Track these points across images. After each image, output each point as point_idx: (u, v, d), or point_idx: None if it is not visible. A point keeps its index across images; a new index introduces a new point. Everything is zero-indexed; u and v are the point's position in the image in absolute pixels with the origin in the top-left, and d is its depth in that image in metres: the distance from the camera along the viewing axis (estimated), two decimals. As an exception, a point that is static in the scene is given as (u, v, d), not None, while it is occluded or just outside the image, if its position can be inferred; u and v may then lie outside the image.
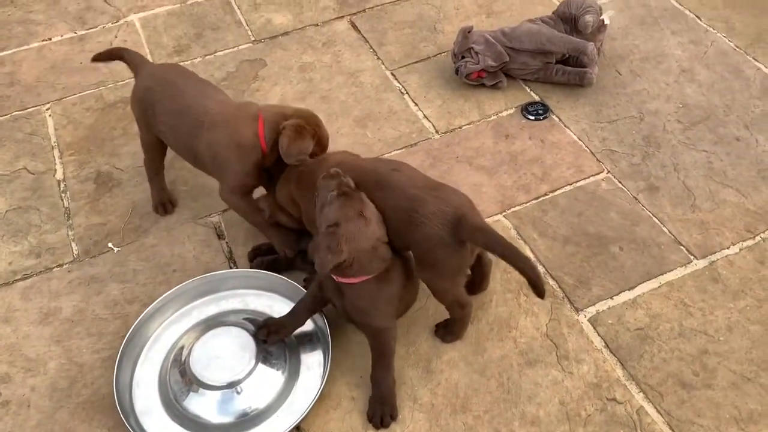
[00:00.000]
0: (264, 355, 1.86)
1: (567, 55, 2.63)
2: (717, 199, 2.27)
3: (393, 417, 1.79)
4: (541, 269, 2.11)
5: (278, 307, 2.01)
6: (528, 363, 1.90)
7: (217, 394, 1.82)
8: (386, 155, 2.48)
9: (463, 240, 1.72)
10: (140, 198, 2.38)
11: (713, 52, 2.77)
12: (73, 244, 2.26)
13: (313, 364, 1.91)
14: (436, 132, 2.55)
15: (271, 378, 1.86)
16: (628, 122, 2.54)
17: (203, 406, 1.81)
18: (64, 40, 3.02)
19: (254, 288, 2.07)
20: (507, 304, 2.03)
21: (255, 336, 1.87)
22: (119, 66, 2.85)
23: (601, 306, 2.02)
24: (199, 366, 1.83)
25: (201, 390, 1.82)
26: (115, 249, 2.23)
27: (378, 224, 1.73)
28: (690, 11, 2.96)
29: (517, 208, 2.28)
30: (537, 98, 2.64)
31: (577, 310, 2.01)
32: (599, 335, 1.96)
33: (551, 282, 2.08)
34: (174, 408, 1.83)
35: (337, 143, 2.51)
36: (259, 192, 2.14)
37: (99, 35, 3.03)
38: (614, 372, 1.88)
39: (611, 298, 2.04)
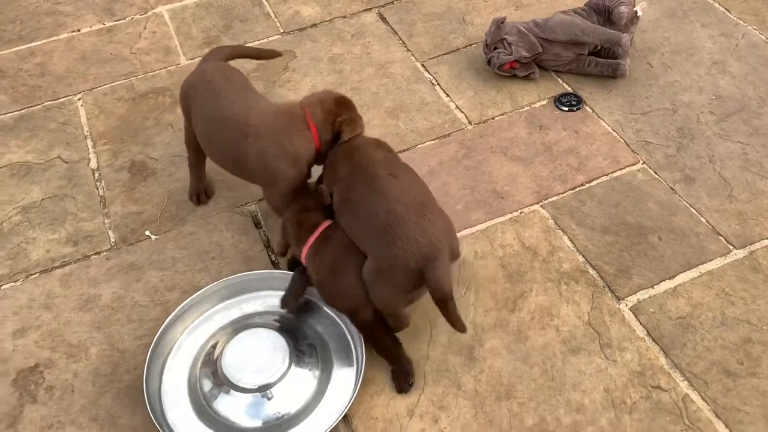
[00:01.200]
0: (297, 356, 1.84)
1: (599, 47, 2.62)
2: (754, 190, 2.27)
3: (410, 381, 1.82)
4: (580, 258, 2.11)
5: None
6: (571, 351, 1.90)
7: (249, 397, 1.78)
8: (419, 146, 2.48)
9: (422, 276, 1.70)
10: (175, 187, 2.38)
11: (744, 45, 2.77)
12: (110, 232, 2.26)
13: (345, 361, 1.88)
14: (469, 123, 2.55)
15: (304, 379, 1.83)
16: (661, 114, 2.53)
17: (234, 408, 1.77)
18: (93, 32, 3.03)
19: (275, 289, 2.01)
20: (547, 293, 2.03)
21: (286, 336, 1.86)
22: (148, 57, 2.89)
23: (642, 295, 2.02)
24: (232, 369, 1.79)
25: (233, 392, 1.79)
26: (153, 237, 2.23)
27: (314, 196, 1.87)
28: (719, 4, 2.95)
29: (553, 198, 2.28)
30: (569, 89, 2.64)
31: (618, 299, 2.01)
32: (641, 324, 1.95)
33: (591, 271, 2.08)
34: (204, 411, 1.79)
35: (369, 134, 2.47)
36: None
37: (128, 27, 3.04)
38: (657, 360, 1.88)
39: (652, 287, 2.03)
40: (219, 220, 2.28)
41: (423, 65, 2.78)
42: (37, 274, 2.16)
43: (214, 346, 1.89)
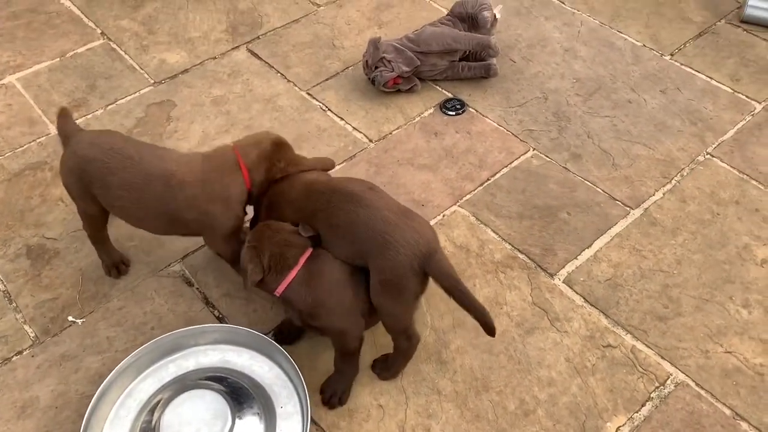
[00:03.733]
0: (238, 413, 1.78)
1: (467, 52, 2.82)
2: (631, 155, 2.56)
3: (342, 401, 1.87)
4: (508, 246, 2.26)
5: (257, 363, 1.92)
6: (527, 332, 2.04)
7: None
8: (329, 171, 2.51)
9: (426, 273, 1.78)
10: (86, 263, 2.22)
11: (585, 31, 3.11)
12: (27, 327, 2.06)
13: (289, 409, 1.82)
14: (370, 141, 2.63)
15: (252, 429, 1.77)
16: (535, 103, 2.78)
17: None
18: (-64, 115, 2.72)
19: (230, 343, 1.95)
20: (490, 285, 2.16)
21: (227, 395, 1.80)
22: (11, 131, 2.66)
23: (570, 267, 2.21)
24: None
25: None
26: (79, 321, 2.07)
27: (287, 229, 1.82)
28: (553, -2, 3.29)
29: (468, 196, 2.42)
30: (450, 95, 2.81)
31: (551, 275, 2.19)
32: (577, 293, 2.14)
33: (521, 256, 2.24)
34: None
35: (276, 169, 2.51)
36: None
37: (-24, 103, 2.77)
38: (600, 322, 2.07)
39: (575, 258, 2.24)
40: (146, 287, 2.16)
41: (309, 93, 2.82)
42: (-47, 391, 1.92)
43: (151, 413, 1.79)
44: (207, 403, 1.78)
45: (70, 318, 2.08)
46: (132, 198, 1.89)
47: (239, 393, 1.84)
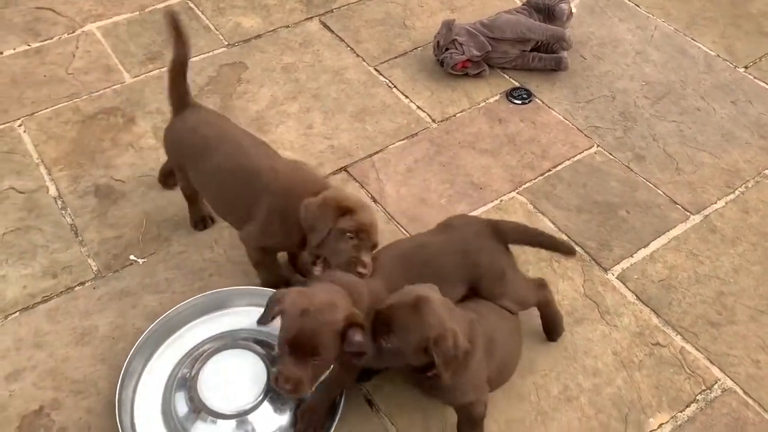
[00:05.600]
0: (272, 395, 1.74)
1: (539, 43, 2.82)
2: (696, 162, 2.54)
3: None
4: (564, 237, 2.26)
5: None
6: (576, 322, 2.04)
7: (227, 424, 1.70)
8: (390, 147, 2.54)
9: (506, 241, 1.85)
10: (151, 207, 2.29)
11: (659, 35, 3.07)
12: (90, 261, 2.14)
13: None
14: (433, 121, 2.65)
15: (284, 403, 1.75)
16: (603, 101, 2.76)
17: None
18: (19, 53, 2.83)
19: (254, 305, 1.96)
20: (542, 272, 2.16)
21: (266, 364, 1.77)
22: (89, 77, 2.75)
23: (625, 264, 2.20)
24: (208, 392, 1.72)
25: (210, 418, 1.70)
26: (140, 260, 2.14)
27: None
28: (629, 0, 3.26)
29: (527, 184, 2.43)
30: (518, 84, 2.81)
31: (605, 270, 2.18)
32: (630, 290, 2.13)
33: (577, 249, 2.23)
34: None
35: (340, 138, 2.56)
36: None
37: (57, 46, 2.86)
38: (651, 320, 2.06)
39: (631, 256, 2.22)
40: (207, 236, 2.22)
41: (376, 69, 2.85)
42: (17, 313, 2.00)
43: (192, 363, 1.81)
44: (247, 365, 1.77)
45: (132, 257, 2.15)
46: (216, 180, 1.91)
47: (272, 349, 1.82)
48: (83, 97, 2.66)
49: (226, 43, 2.94)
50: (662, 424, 1.84)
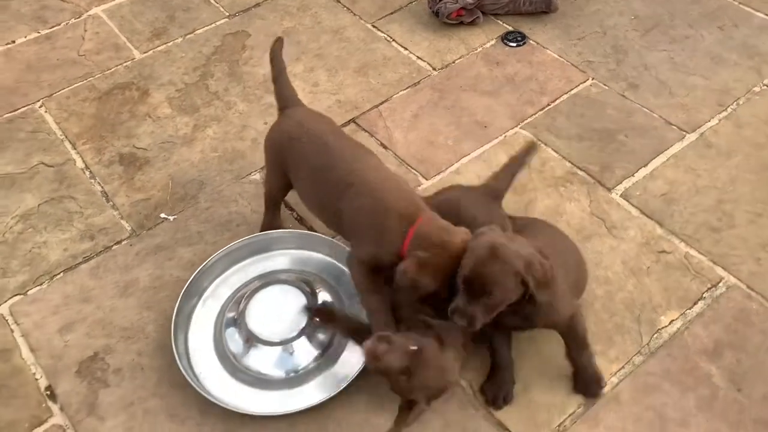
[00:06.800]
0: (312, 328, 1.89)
1: (529, -12, 2.92)
2: (688, 86, 2.65)
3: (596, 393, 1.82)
4: (568, 164, 2.38)
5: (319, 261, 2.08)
6: (585, 238, 2.17)
7: (273, 350, 1.86)
8: (395, 96, 2.66)
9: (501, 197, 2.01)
10: (175, 170, 2.41)
11: (644, -29, 3.16)
12: (124, 222, 2.27)
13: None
14: (433, 69, 2.76)
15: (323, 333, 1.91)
16: (594, 37, 2.87)
17: (262, 361, 1.86)
18: (30, 41, 2.94)
19: (301, 248, 2.11)
20: (550, 197, 2.29)
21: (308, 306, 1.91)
22: (100, 56, 2.86)
23: (627, 183, 2.32)
24: (257, 323, 1.87)
25: (260, 345, 1.87)
26: (171, 218, 2.27)
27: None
28: (612, -59, 3.34)
29: (529, 119, 2.54)
30: (511, 28, 2.91)
31: (609, 190, 2.30)
32: (633, 205, 2.26)
33: (580, 173, 2.36)
34: (232, 365, 1.88)
35: (345, 93, 2.67)
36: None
37: (66, 32, 2.97)
38: (656, 231, 2.19)
39: (632, 175, 2.34)
40: (230, 191, 2.34)
41: (374, 26, 2.96)
42: (62, 273, 2.13)
43: (237, 304, 1.95)
44: (291, 298, 1.92)
45: (163, 215, 2.27)
46: (314, 181, 1.92)
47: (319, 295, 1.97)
48: (97, 76, 2.77)
49: (227, 14, 3.04)
50: (672, 320, 1.97)
